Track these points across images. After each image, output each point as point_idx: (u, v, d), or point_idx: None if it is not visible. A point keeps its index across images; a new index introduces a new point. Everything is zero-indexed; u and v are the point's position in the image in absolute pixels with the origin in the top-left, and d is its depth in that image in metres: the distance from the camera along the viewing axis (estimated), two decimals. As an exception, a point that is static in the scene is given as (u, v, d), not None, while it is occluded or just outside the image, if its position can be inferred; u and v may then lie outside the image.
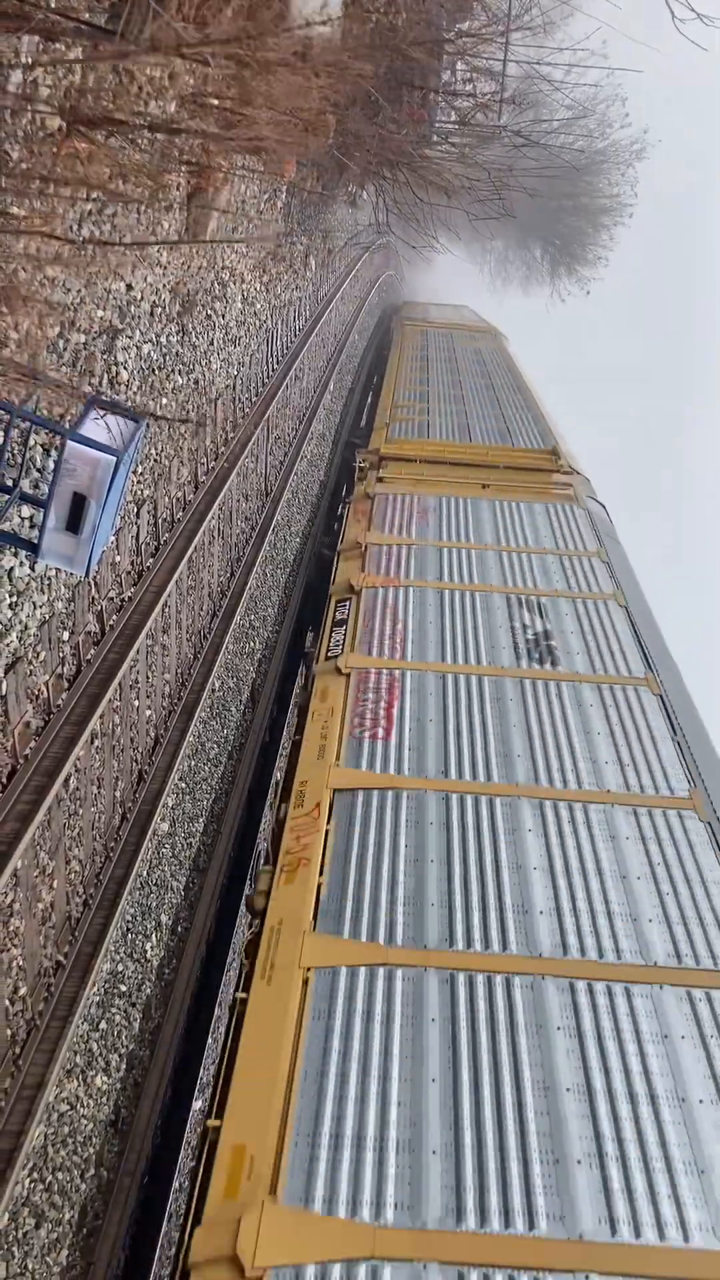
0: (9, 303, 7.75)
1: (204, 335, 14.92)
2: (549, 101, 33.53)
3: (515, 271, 66.97)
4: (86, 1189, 9.49)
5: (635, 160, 54.09)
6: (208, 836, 13.75)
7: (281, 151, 9.47)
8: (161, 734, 12.29)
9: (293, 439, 21.45)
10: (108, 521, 7.43)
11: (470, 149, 22.93)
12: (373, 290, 38.98)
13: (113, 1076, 10.31)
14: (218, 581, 15.20)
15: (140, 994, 11.22)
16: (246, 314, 17.82)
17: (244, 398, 17.76)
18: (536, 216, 51.19)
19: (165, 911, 12.25)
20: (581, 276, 61.13)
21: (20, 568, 8.73)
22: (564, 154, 31.67)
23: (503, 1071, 6.13)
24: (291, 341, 22.75)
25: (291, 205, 21.53)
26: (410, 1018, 6.44)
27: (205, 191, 13.53)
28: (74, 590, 9.87)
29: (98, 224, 10.25)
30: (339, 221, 30.07)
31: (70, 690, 9.85)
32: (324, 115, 10.63)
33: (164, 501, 12.97)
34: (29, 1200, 8.69)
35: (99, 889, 10.12)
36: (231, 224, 15.95)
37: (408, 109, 21.09)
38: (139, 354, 11.83)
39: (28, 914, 8.47)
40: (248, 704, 16.08)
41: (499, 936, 7.15)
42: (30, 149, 8.16)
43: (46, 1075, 8.27)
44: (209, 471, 15.09)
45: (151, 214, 11.82)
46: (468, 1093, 5.99)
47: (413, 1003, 6.56)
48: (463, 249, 54.95)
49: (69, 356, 9.86)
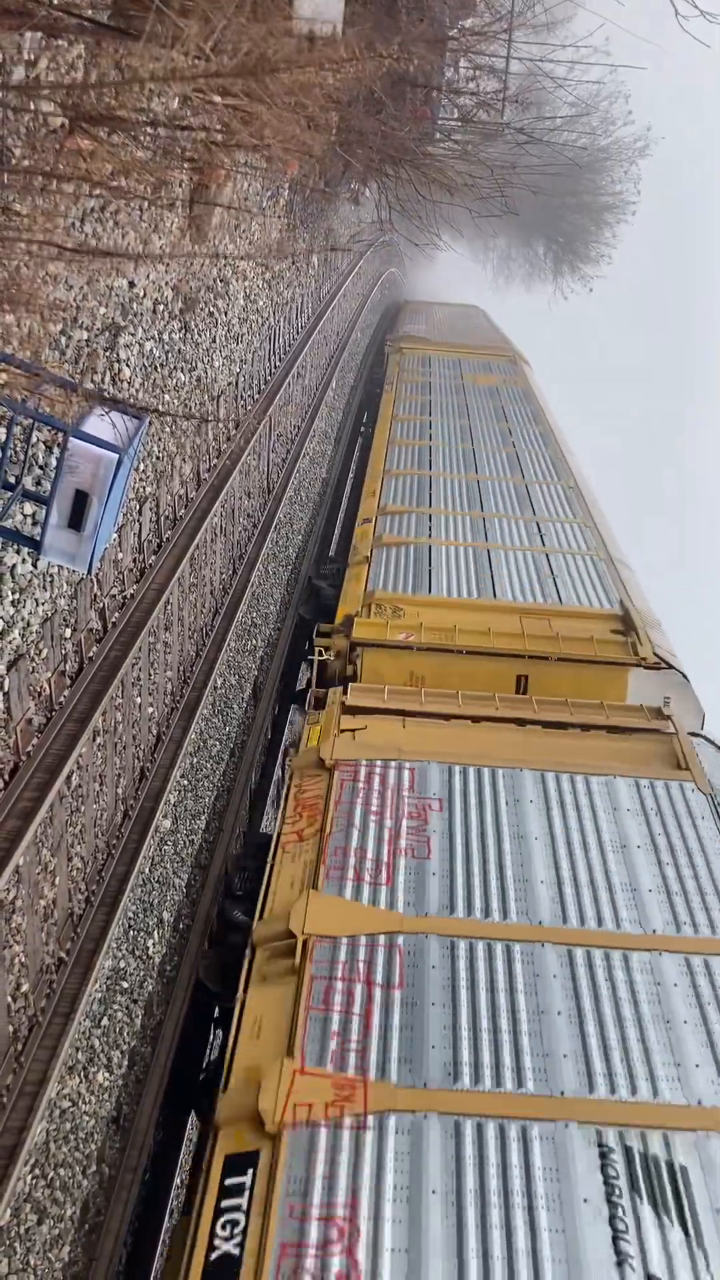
0: (11, 300, 7.76)
1: (206, 332, 14.93)
2: (552, 99, 33.51)
3: (518, 269, 66.93)
4: (88, 1185, 9.52)
5: (638, 157, 54.07)
6: (210, 834, 13.77)
7: (284, 149, 9.45)
8: (164, 731, 12.30)
9: (295, 436, 21.46)
10: (110, 519, 7.44)
11: (473, 146, 22.91)
12: (375, 287, 38.96)
13: (114, 1073, 10.33)
14: (220, 579, 15.20)
15: (142, 991, 11.24)
16: (249, 311, 17.82)
17: (246, 395, 17.76)
18: (539, 214, 51.13)
19: (167, 908, 12.27)
20: (584, 274, 61.10)
21: (23, 565, 8.74)
22: (567, 151, 31.54)
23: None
24: (294, 339, 22.74)
25: (294, 202, 21.53)
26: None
27: (208, 188, 13.54)
28: (76, 587, 9.87)
29: (100, 221, 10.26)
30: (342, 219, 30.06)
31: (72, 687, 9.86)
32: (327, 112, 10.62)
33: (166, 499, 12.97)
34: (31, 1196, 8.71)
35: (101, 886, 10.13)
36: (234, 221, 15.96)
37: (410, 106, 21.07)
38: (141, 351, 11.84)
39: (30, 911, 8.48)
40: (250, 701, 16.10)
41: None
42: (33, 146, 8.16)
43: (49, 1072, 8.28)
44: (211, 469, 15.09)
45: (154, 211, 11.82)
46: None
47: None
48: (466, 246, 54.87)
49: (72, 354, 9.86)
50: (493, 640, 11.59)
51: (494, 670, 11.35)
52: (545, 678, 11.30)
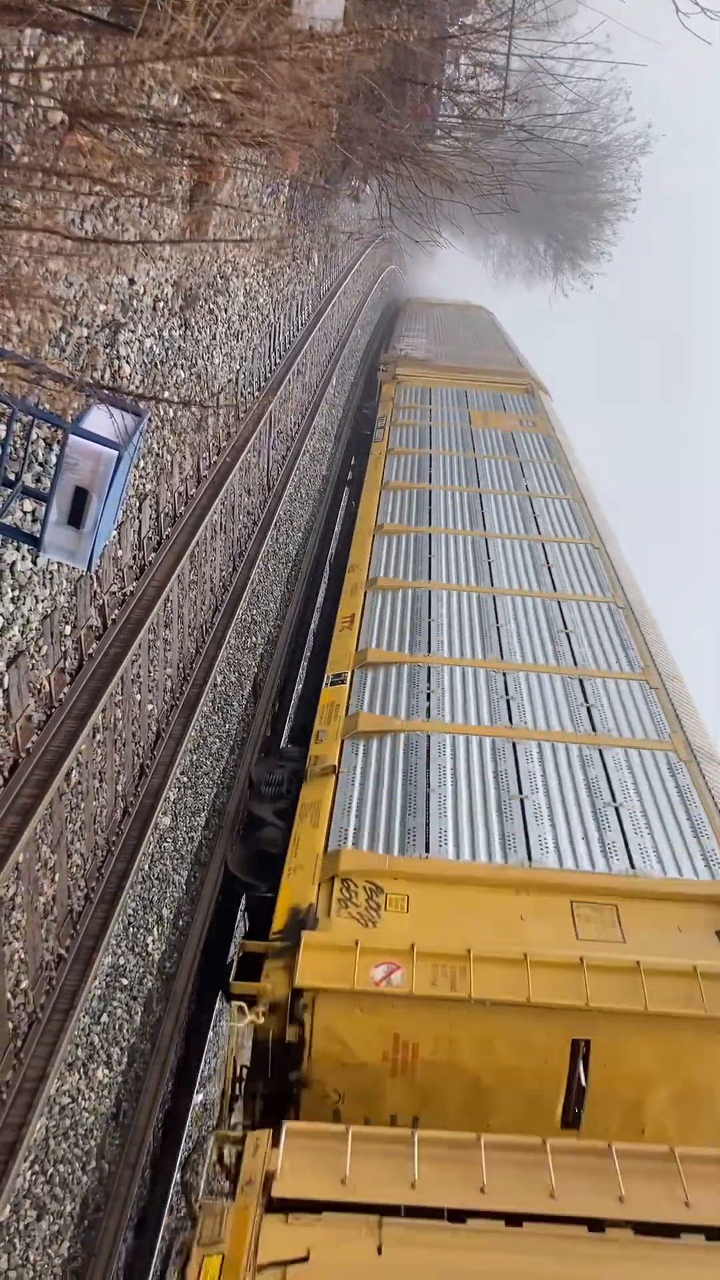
0: (11, 297, 7.75)
1: (206, 329, 14.91)
2: (553, 96, 33.46)
3: (519, 265, 66.84)
4: (88, 1181, 9.53)
5: (639, 155, 53.99)
6: (209, 831, 13.78)
7: (284, 139, 9.45)
8: (163, 728, 12.30)
9: (295, 433, 21.45)
10: (110, 516, 7.44)
11: (474, 143, 22.88)
12: (375, 285, 38.93)
13: (114, 1070, 10.34)
14: (220, 576, 15.20)
15: (141, 988, 11.25)
16: (249, 308, 17.81)
17: (246, 392, 17.75)
18: (540, 210, 51.03)
19: (167, 905, 12.28)
20: (584, 271, 61.05)
21: (22, 562, 8.74)
22: (567, 148, 31.45)
23: None
24: (294, 336, 22.73)
25: (294, 199, 21.51)
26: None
27: (208, 185, 13.52)
28: (76, 584, 9.88)
29: (100, 218, 10.25)
30: (342, 216, 30.03)
31: (72, 684, 9.86)
32: (327, 110, 10.62)
33: (166, 496, 12.97)
34: (30, 1192, 8.72)
35: (100, 883, 10.14)
36: (234, 218, 15.94)
37: (411, 103, 21.05)
38: (141, 348, 11.83)
39: (29, 908, 8.49)
40: (250, 698, 16.10)
41: None
42: (33, 142, 8.16)
43: (48, 1068, 8.30)
44: (211, 466, 15.09)
45: (154, 208, 11.81)
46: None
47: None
48: (466, 243, 54.80)
49: (71, 350, 9.86)
50: (533, 981, 6.86)
51: (533, 1034, 6.83)
52: (622, 1044, 6.75)
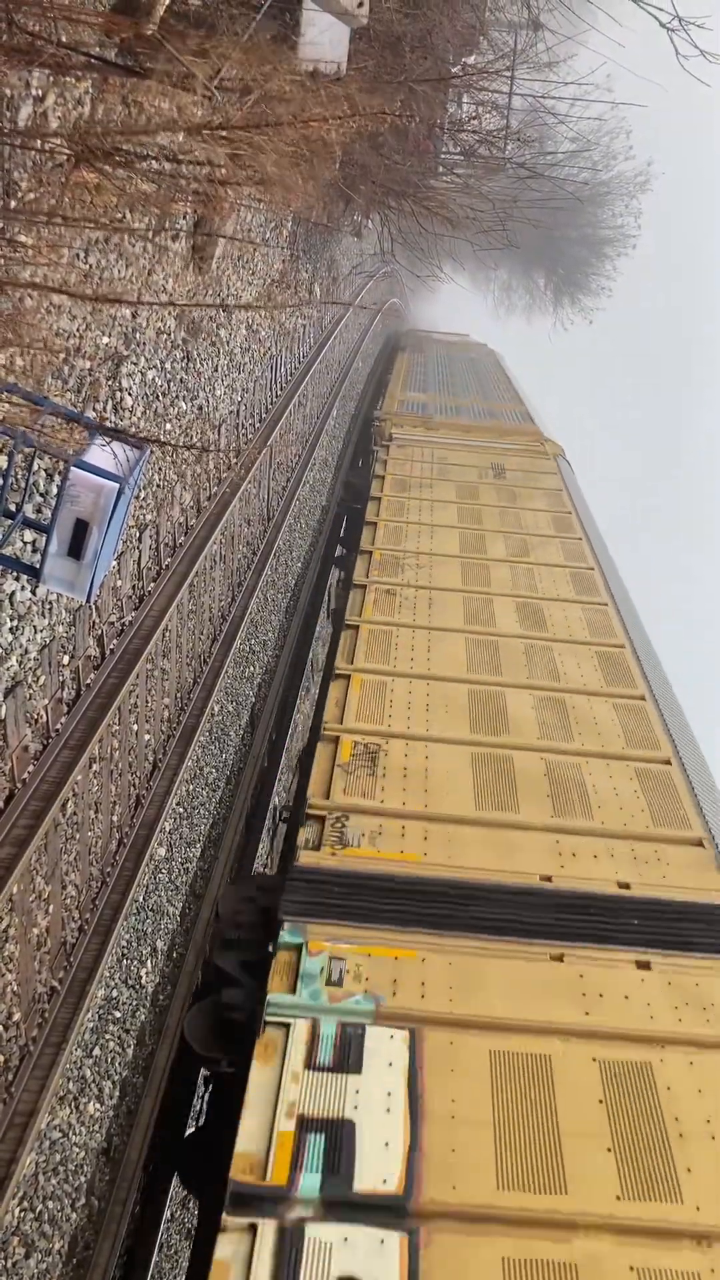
0: (15, 330, 7.83)
1: (208, 361, 15.03)
2: (553, 134, 33.91)
3: (519, 299, 67.51)
4: (77, 1218, 9.41)
5: (639, 192, 54.70)
6: (205, 862, 13.72)
7: (287, 183, 9.56)
8: (160, 758, 12.29)
9: (295, 465, 21.56)
10: (109, 547, 7.47)
11: (475, 180, 23.17)
12: (376, 318, 39.24)
13: (105, 1104, 10.24)
14: (218, 606, 15.23)
15: (134, 1020, 11.16)
16: (251, 341, 17.96)
17: (248, 424, 17.86)
18: (540, 246, 51.67)
19: (161, 937, 12.21)
20: (585, 306, 61.67)
21: (21, 592, 8.77)
22: (568, 186, 31.83)
23: None
24: (295, 368, 22.90)
25: (297, 234, 21.75)
26: None
27: (211, 220, 13.67)
28: (75, 614, 9.90)
29: (104, 252, 10.37)
30: (344, 251, 30.34)
31: (69, 714, 9.86)
32: (330, 148, 10.75)
33: (166, 526, 13.03)
34: (19, 1229, 8.61)
35: (95, 914, 10.09)
36: (238, 252, 16.11)
37: (413, 141, 21.33)
38: (144, 380, 11.92)
39: (23, 939, 8.45)
40: (247, 728, 16.09)
41: None
42: (39, 179, 8.26)
43: (39, 1103, 8.22)
44: (211, 497, 15.16)
45: (158, 242, 11.94)
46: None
47: None
48: (467, 278, 55.34)
49: (74, 383, 9.94)
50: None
51: None
52: None
